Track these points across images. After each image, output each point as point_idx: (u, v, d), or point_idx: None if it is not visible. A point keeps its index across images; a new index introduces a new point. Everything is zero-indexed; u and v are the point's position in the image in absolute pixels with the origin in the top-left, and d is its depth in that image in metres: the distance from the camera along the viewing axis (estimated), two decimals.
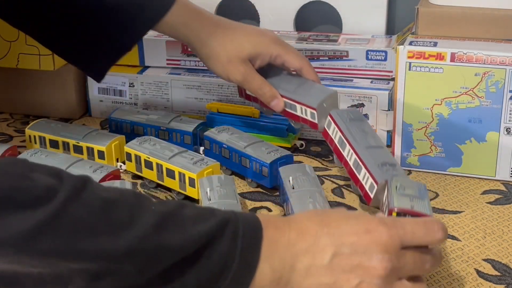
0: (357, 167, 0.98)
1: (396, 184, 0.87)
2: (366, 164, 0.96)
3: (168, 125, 1.18)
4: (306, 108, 1.06)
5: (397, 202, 0.83)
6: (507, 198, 1.05)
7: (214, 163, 1.04)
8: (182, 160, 1.05)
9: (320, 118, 1.05)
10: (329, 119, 1.04)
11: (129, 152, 1.10)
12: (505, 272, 0.88)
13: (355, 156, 0.99)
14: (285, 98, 1.09)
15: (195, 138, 1.17)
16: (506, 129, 1.07)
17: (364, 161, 0.97)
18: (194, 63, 1.31)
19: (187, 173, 1.02)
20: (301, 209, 0.92)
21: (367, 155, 0.97)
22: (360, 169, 0.97)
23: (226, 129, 1.15)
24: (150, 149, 1.08)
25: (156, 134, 1.18)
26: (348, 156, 1.00)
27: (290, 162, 1.06)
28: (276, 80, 1.11)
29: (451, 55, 1.05)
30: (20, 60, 1.28)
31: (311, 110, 1.05)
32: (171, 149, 1.08)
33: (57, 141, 1.16)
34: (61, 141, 1.15)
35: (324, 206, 0.92)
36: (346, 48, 1.24)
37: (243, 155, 1.09)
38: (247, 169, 1.09)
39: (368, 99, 1.20)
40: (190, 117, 1.23)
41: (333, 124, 1.04)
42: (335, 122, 1.03)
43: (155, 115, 1.21)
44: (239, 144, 1.10)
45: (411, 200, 0.84)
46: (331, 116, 1.04)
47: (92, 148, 1.13)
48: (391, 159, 0.97)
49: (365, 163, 0.96)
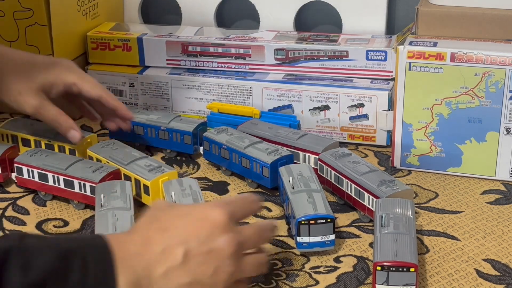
0: (359, 195, 1.00)
1: (381, 220, 0.88)
2: (366, 187, 0.98)
3: (168, 125, 1.18)
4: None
5: (381, 256, 0.82)
6: (507, 198, 1.06)
7: (170, 170, 1.04)
8: (137, 167, 1.05)
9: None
10: (320, 163, 1.07)
11: (91, 156, 1.11)
12: (505, 272, 0.88)
13: (354, 186, 1.00)
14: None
15: (195, 138, 1.17)
16: (506, 129, 1.07)
17: (363, 186, 0.99)
18: (194, 63, 1.31)
19: (142, 180, 1.02)
20: (301, 209, 0.92)
21: (364, 180, 0.99)
22: (362, 195, 0.99)
23: (225, 129, 1.15)
24: (111, 153, 1.08)
25: (156, 134, 1.18)
26: (348, 188, 1.02)
27: (291, 163, 1.06)
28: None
29: (451, 55, 1.05)
30: None
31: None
32: (132, 155, 1.07)
33: (29, 139, 1.16)
34: (33, 140, 1.16)
35: (324, 206, 0.92)
36: (346, 48, 1.24)
37: (243, 156, 1.09)
38: (247, 169, 1.09)
39: (368, 99, 1.20)
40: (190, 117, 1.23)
41: (325, 167, 1.06)
42: (326, 164, 1.06)
43: (155, 115, 1.21)
44: (239, 145, 1.10)
45: (395, 241, 0.84)
46: (321, 160, 1.07)
47: (63, 147, 1.13)
48: (388, 177, 1.00)
49: (364, 187, 0.98)
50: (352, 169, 1.02)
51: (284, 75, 1.27)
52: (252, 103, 1.26)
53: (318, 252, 0.92)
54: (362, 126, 1.22)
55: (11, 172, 1.10)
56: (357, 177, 1.00)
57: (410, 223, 0.87)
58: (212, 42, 1.29)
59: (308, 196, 0.94)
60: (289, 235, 0.97)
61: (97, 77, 1.33)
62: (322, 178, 1.07)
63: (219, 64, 1.30)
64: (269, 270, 0.89)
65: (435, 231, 0.97)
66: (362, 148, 1.22)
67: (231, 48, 1.29)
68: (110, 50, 1.34)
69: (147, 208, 0.79)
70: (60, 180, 1.04)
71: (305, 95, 1.23)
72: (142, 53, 1.33)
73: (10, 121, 1.21)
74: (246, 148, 1.09)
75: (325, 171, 1.06)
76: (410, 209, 0.90)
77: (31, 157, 1.07)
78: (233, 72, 1.29)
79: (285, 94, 1.24)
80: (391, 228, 0.86)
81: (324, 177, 1.07)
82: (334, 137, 1.23)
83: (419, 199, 1.05)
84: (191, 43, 1.30)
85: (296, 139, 1.12)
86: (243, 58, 1.29)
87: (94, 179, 1.01)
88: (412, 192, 0.99)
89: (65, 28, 1.29)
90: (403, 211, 0.89)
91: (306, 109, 1.24)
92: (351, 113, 1.22)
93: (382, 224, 0.87)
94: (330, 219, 0.90)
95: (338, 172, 1.03)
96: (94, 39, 1.34)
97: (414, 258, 0.81)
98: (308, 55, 1.26)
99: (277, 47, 1.27)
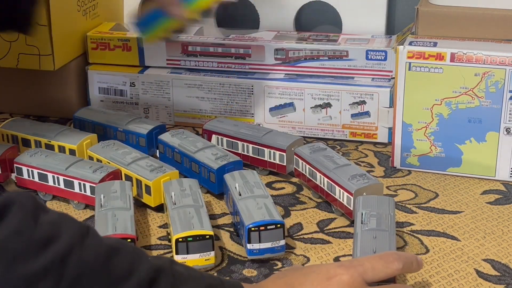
0: (331, 188, 1.01)
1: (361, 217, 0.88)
2: (337, 181, 0.99)
3: (125, 127, 1.18)
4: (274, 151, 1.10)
5: (360, 253, 0.83)
6: (506, 198, 1.05)
7: (172, 170, 1.04)
8: (139, 167, 1.05)
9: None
10: (296, 157, 1.08)
11: (91, 156, 1.11)
12: (505, 272, 0.88)
13: (326, 179, 1.01)
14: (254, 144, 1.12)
15: (150, 141, 1.16)
16: (506, 129, 1.07)
17: (334, 179, 1.00)
18: (194, 63, 1.31)
19: (144, 181, 1.02)
20: (249, 216, 0.91)
21: (335, 174, 1.00)
22: (334, 188, 1.00)
23: (180, 132, 1.14)
24: (111, 153, 1.08)
25: (114, 135, 1.18)
26: (321, 182, 1.03)
27: (240, 168, 1.05)
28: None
29: (451, 55, 1.05)
30: (20, 60, 1.28)
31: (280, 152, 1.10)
32: (133, 155, 1.07)
33: (29, 139, 1.16)
34: (33, 140, 1.16)
35: (273, 212, 0.91)
36: (346, 48, 1.24)
37: (193, 160, 1.08)
38: (196, 174, 1.08)
39: (370, 97, 1.20)
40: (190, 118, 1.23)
41: (300, 161, 1.07)
42: (301, 158, 1.07)
43: (116, 116, 1.20)
44: (189, 149, 1.09)
45: (374, 238, 0.85)
46: (296, 154, 1.08)
47: (63, 147, 1.13)
48: (360, 171, 1.00)
49: (335, 181, 0.99)
50: (325, 163, 1.03)
51: (284, 75, 1.27)
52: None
53: (318, 252, 0.92)
54: (364, 124, 1.22)
55: (11, 172, 1.10)
56: (329, 171, 1.01)
57: (391, 221, 0.88)
58: (212, 42, 1.29)
59: (256, 202, 0.93)
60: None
61: (97, 77, 1.33)
62: (298, 172, 1.08)
63: (219, 64, 1.30)
64: (269, 270, 0.89)
65: (435, 231, 0.97)
66: (362, 148, 1.22)
67: (231, 48, 1.29)
68: (110, 50, 1.33)
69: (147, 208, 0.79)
70: (60, 180, 1.04)
71: (307, 93, 1.23)
72: (142, 53, 1.33)
73: (10, 121, 1.21)
74: (196, 153, 1.08)
75: (301, 165, 1.07)
76: (391, 207, 0.91)
77: (31, 157, 1.07)
78: (234, 72, 1.29)
79: (286, 92, 1.24)
80: (371, 225, 0.86)
81: (299, 171, 1.08)
82: (336, 134, 1.24)
83: (419, 199, 1.05)
84: (191, 43, 1.30)
85: (261, 136, 1.12)
86: (243, 58, 1.29)
87: (94, 179, 1.01)
88: (382, 186, 1.00)
89: (65, 28, 1.29)
90: (384, 209, 0.90)
91: (308, 107, 1.24)
92: (352, 110, 1.22)
93: (362, 221, 0.87)
94: (280, 225, 0.90)
95: (312, 166, 1.04)
96: (94, 39, 1.34)
97: None
98: (308, 55, 1.26)
99: (277, 47, 1.26)
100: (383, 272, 0.75)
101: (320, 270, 0.75)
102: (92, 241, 0.64)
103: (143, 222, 1.01)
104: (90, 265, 0.62)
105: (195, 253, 0.88)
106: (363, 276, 0.74)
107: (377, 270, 0.75)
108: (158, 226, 1.00)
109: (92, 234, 0.65)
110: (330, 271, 0.74)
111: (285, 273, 0.77)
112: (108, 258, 0.64)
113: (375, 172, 1.14)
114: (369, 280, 0.74)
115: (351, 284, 0.72)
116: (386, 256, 0.76)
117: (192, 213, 0.91)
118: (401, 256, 0.76)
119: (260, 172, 1.13)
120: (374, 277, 0.75)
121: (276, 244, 0.90)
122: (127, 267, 0.65)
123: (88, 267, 0.62)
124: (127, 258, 0.65)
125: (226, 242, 0.96)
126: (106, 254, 0.64)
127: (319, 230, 0.98)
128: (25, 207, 0.62)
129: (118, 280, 0.63)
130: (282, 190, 1.09)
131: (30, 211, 0.63)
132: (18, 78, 1.34)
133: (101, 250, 0.64)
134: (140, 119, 1.20)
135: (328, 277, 0.73)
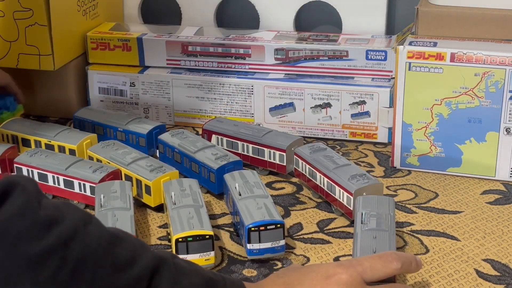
0: (331, 188, 1.01)
1: (361, 217, 0.88)
2: (337, 181, 0.99)
3: (125, 127, 1.18)
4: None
5: (360, 252, 0.83)
6: (506, 198, 1.05)
7: (172, 170, 1.04)
8: (139, 167, 1.05)
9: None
10: (295, 157, 1.08)
11: (91, 156, 1.11)
12: (505, 272, 0.88)
13: (326, 179, 1.01)
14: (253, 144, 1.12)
15: (149, 140, 1.16)
16: (506, 129, 1.07)
17: (334, 179, 1.00)
18: (194, 63, 1.31)
19: (144, 181, 1.02)
20: (249, 216, 0.91)
21: (335, 174, 1.00)
22: (334, 188, 1.00)
23: (180, 132, 1.14)
24: (111, 153, 1.08)
25: (114, 135, 1.18)
26: (321, 182, 1.03)
27: (239, 168, 1.05)
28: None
29: (451, 55, 1.05)
30: (20, 60, 1.28)
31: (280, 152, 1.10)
32: (133, 155, 1.07)
33: (29, 139, 1.16)
34: (33, 140, 1.16)
35: (273, 212, 0.91)
36: (346, 48, 1.24)
37: (193, 160, 1.08)
38: (196, 174, 1.08)
39: (370, 97, 1.20)
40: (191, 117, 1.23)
41: (300, 161, 1.07)
42: (301, 158, 1.07)
43: (116, 116, 1.20)
44: (189, 149, 1.09)
45: (374, 238, 0.85)
46: (296, 154, 1.08)
47: (63, 147, 1.13)
48: (360, 171, 1.01)
49: (335, 181, 0.99)
50: (325, 163, 1.03)
51: (284, 75, 1.27)
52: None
53: (318, 252, 0.92)
54: (364, 124, 1.22)
55: (11, 172, 1.10)
56: (329, 171, 1.01)
57: (390, 221, 0.88)
58: (212, 42, 1.29)
59: (256, 202, 0.93)
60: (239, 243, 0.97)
61: (97, 77, 1.33)
62: (298, 172, 1.08)
63: (219, 64, 1.30)
64: (269, 270, 0.89)
65: (435, 231, 0.97)
66: (362, 148, 1.22)
67: (231, 48, 1.29)
68: (110, 50, 1.34)
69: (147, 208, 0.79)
70: (60, 180, 1.04)
71: (307, 93, 1.23)
72: (142, 53, 1.33)
73: (10, 121, 1.21)
74: (196, 153, 1.08)
75: (300, 165, 1.08)
76: (391, 207, 0.91)
77: (31, 157, 1.07)
78: (234, 72, 1.29)
79: (286, 92, 1.24)
80: (371, 225, 0.86)
81: (299, 171, 1.08)
82: (336, 135, 1.24)
83: (419, 199, 1.05)
84: (191, 43, 1.30)
85: (261, 136, 1.12)
86: (243, 58, 1.29)
87: (94, 179, 1.01)
88: (382, 186, 1.00)
89: (65, 28, 1.29)
90: (384, 209, 0.90)
91: (308, 107, 1.24)
92: (352, 110, 1.22)
93: (362, 221, 0.87)
94: (280, 225, 0.90)
95: (312, 166, 1.04)
96: (94, 39, 1.34)
97: None
98: (308, 55, 1.26)
99: (277, 47, 1.26)
100: (382, 271, 0.75)
101: (319, 269, 0.75)
102: (95, 228, 0.64)
103: (143, 222, 1.01)
104: (93, 251, 0.62)
105: (195, 253, 0.88)
106: (362, 275, 0.74)
107: (376, 269, 0.75)
108: (158, 226, 1.00)
109: (95, 222, 0.65)
110: (329, 270, 0.74)
111: (284, 272, 0.77)
112: (111, 245, 0.64)
113: (375, 172, 1.14)
114: (368, 280, 0.74)
115: (350, 283, 0.73)
116: (385, 256, 0.76)
117: (192, 213, 0.91)
118: (400, 256, 0.76)
119: (260, 172, 1.13)
120: (373, 277, 0.75)
121: (276, 244, 0.90)
122: (130, 255, 0.64)
123: (91, 252, 0.62)
124: (130, 247, 0.65)
125: (226, 242, 0.96)
126: (110, 241, 0.64)
127: (319, 230, 0.98)
128: (28, 189, 0.62)
129: (121, 267, 0.63)
130: (282, 190, 1.09)
131: (33, 193, 0.62)
132: (18, 78, 1.34)
133: (105, 237, 0.64)
134: (140, 119, 1.20)
135: (327, 276, 0.73)
